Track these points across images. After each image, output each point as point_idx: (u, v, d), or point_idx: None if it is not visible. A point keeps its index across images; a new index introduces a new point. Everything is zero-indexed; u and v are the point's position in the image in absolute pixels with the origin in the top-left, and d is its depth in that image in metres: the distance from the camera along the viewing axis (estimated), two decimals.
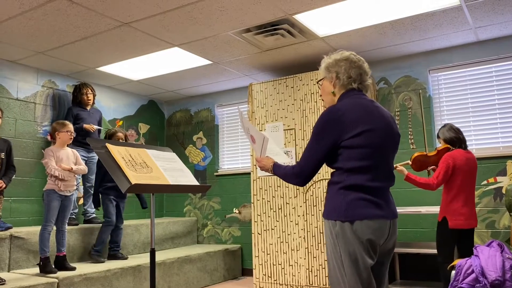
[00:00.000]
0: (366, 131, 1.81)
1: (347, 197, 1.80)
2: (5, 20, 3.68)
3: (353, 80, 1.94)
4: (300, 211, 4.57)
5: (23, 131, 4.76)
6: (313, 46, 4.48)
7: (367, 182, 1.80)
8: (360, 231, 1.76)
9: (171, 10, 3.59)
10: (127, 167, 2.11)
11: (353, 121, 1.81)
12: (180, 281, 4.74)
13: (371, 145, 1.81)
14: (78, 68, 5.03)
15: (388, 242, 1.86)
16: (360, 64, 1.98)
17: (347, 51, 2.02)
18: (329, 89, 2.00)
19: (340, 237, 1.79)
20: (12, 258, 3.96)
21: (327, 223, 1.85)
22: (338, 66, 1.96)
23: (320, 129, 1.86)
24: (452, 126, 3.61)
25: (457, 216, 3.39)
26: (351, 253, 1.77)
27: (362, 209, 1.78)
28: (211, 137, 6.32)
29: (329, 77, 1.99)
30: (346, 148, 1.82)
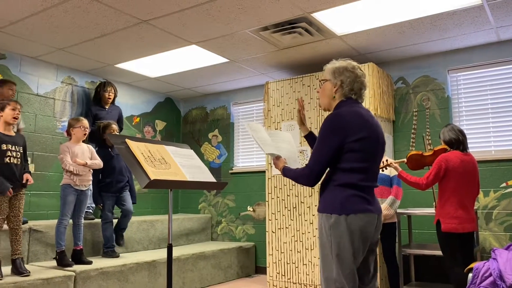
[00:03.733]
0: (363, 138, 2.04)
1: (343, 194, 2.02)
2: (28, 16, 3.74)
3: (354, 92, 2.17)
4: (315, 210, 4.56)
5: (43, 126, 4.84)
6: (330, 45, 4.46)
7: (360, 182, 2.04)
8: (354, 224, 1.99)
9: (190, 8, 3.61)
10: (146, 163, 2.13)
11: (355, 128, 2.03)
12: (194, 277, 4.77)
13: (366, 150, 2.05)
14: (97, 65, 5.09)
15: (376, 232, 2.12)
16: (363, 79, 2.19)
17: (354, 62, 2.22)
18: (330, 93, 2.19)
19: (334, 229, 2.01)
20: (31, 250, 4.03)
21: (322, 216, 2.06)
22: (344, 75, 2.15)
23: (328, 133, 2.05)
24: (454, 127, 3.47)
25: (449, 219, 3.28)
26: (341, 245, 1.99)
27: (356, 204, 2.01)
28: (227, 135, 6.34)
29: (333, 82, 2.18)
30: (347, 151, 2.04)
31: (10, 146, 3.45)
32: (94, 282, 3.76)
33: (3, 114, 3.47)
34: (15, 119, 3.52)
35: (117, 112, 5.22)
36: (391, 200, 3.78)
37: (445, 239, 3.32)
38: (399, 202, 3.82)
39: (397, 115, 4.94)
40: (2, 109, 3.47)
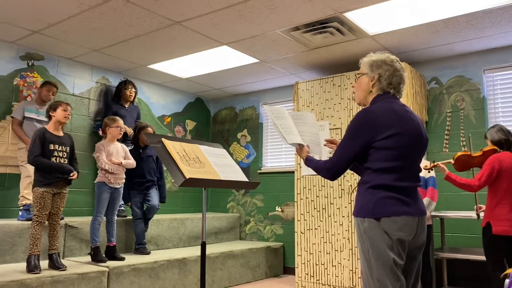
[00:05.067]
0: (396, 134, 1.91)
1: (375, 196, 1.91)
2: (65, 19, 3.87)
3: (392, 87, 2.04)
4: (345, 212, 4.52)
5: (78, 125, 4.99)
6: (362, 45, 4.42)
7: (394, 182, 1.90)
8: (388, 228, 1.87)
9: (222, 9, 3.64)
10: (182, 162, 2.17)
11: (385, 124, 1.92)
12: (223, 275, 4.81)
13: (399, 148, 1.91)
14: (130, 66, 5.21)
15: (418, 237, 1.95)
16: (402, 73, 2.07)
17: (392, 55, 2.10)
18: (367, 87, 2.08)
19: (368, 234, 1.90)
20: (67, 246, 4.16)
21: (357, 220, 1.97)
22: (382, 69, 2.04)
23: (354, 129, 1.96)
24: (502, 127, 3.40)
25: (502, 221, 3.19)
26: (378, 248, 1.87)
27: (389, 207, 1.88)
28: (255, 135, 6.36)
29: (370, 75, 2.07)
30: (376, 149, 1.92)
31: (57, 146, 3.58)
32: (127, 278, 3.85)
33: (55, 114, 3.60)
34: (66, 119, 3.66)
35: (136, 112, 5.23)
36: (427, 202, 3.71)
37: (493, 242, 3.24)
38: (435, 204, 3.75)
39: (430, 116, 4.84)
40: (54, 109, 3.61)
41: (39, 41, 4.41)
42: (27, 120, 4.20)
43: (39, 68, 4.70)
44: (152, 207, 4.57)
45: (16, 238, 3.79)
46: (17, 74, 4.52)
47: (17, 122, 4.18)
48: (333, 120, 4.72)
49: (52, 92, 4.35)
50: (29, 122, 4.19)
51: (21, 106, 4.23)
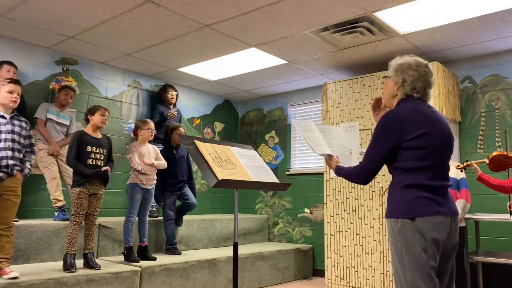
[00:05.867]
0: (424, 134, 1.92)
1: (408, 196, 1.91)
2: (99, 24, 3.97)
3: (416, 91, 2.05)
4: (376, 214, 4.46)
5: (111, 127, 5.10)
6: (393, 44, 4.35)
7: (426, 181, 1.91)
8: (422, 228, 1.86)
9: (251, 11, 3.66)
10: (214, 163, 2.20)
11: (412, 124, 1.94)
12: (253, 277, 4.82)
13: (429, 147, 1.93)
14: (160, 69, 5.30)
15: (452, 238, 1.96)
16: (427, 78, 2.07)
17: (420, 58, 2.10)
18: (392, 90, 2.11)
19: (401, 234, 1.90)
20: (100, 245, 4.26)
21: (390, 221, 1.97)
22: (407, 74, 2.05)
23: (381, 132, 1.99)
24: None
25: None
26: (412, 249, 1.87)
27: (422, 206, 1.88)
28: (283, 136, 6.35)
29: (395, 79, 2.09)
30: (406, 150, 1.94)
31: (94, 148, 3.68)
32: (158, 277, 3.91)
33: (93, 118, 3.72)
34: (103, 123, 3.77)
35: (179, 114, 5.45)
36: (462, 204, 3.62)
37: None
38: (469, 205, 3.65)
39: (463, 116, 4.72)
40: (93, 113, 3.73)
41: (73, 46, 4.55)
42: (48, 122, 4.30)
43: (74, 72, 4.84)
44: (192, 204, 4.69)
45: (53, 238, 3.91)
46: (53, 79, 4.67)
47: (42, 122, 4.25)
48: (363, 121, 4.67)
49: (70, 95, 4.45)
50: (49, 124, 4.30)
51: (44, 107, 4.30)
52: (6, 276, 3.04)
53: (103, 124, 3.79)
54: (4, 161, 3.08)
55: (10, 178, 3.15)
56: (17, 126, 3.22)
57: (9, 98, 3.15)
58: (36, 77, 4.55)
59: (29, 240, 3.77)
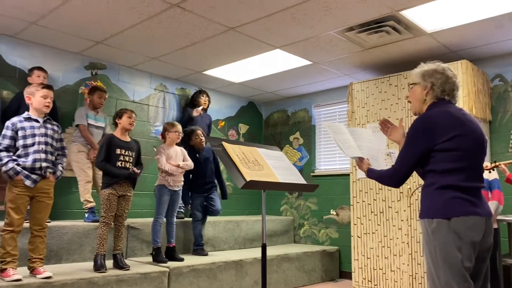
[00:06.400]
0: (458, 136, 1.95)
1: (444, 196, 1.92)
2: (126, 29, 4.05)
3: (446, 93, 2.10)
4: (404, 216, 4.39)
5: (138, 130, 5.19)
6: (420, 43, 4.28)
7: (461, 182, 1.92)
8: (457, 228, 1.87)
9: (276, 12, 3.67)
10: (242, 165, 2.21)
11: (445, 127, 1.96)
12: (279, 278, 4.82)
13: (463, 149, 1.95)
14: (186, 72, 5.37)
15: (486, 238, 1.95)
16: (454, 80, 2.12)
17: (442, 64, 2.16)
18: (421, 96, 2.14)
19: (436, 234, 1.91)
20: (129, 246, 4.34)
21: (424, 222, 1.97)
22: (435, 77, 2.10)
23: (414, 135, 2.02)
24: None
25: None
26: (446, 249, 1.87)
27: (458, 207, 1.89)
28: (308, 137, 6.33)
29: (423, 85, 2.13)
30: (439, 152, 1.96)
31: (123, 151, 3.76)
32: (186, 278, 3.95)
33: (120, 121, 3.80)
34: (130, 125, 3.84)
35: (209, 119, 5.53)
36: (495, 206, 3.53)
37: None
38: (501, 207, 3.56)
39: (494, 115, 4.60)
40: (120, 117, 3.81)
41: (101, 51, 4.65)
42: (87, 127, 4.41)
43: (102, 77, 4.96)
44: (216, 211, 4.72)
45: (84, 239, 4.01)
46: (82, 83, 4.80)
47: (85, 128, 4.35)
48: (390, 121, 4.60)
49: (104, 97, 4.55)
50: (90, 129, 4.41)
51: (83, 112, 4.40)
52: (40, 276, 3.13)
53: (131, 127, 3.86)
54: (38, 163, 3.18)
55: (44, 180, 3.24)
56: (49, 129, 3.32)
57: (42, 103, 3.25)
58: (66, 82, 4.68)
59: (60, 241, 3.88)
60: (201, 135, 4.76)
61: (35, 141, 3.20)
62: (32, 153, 3.17)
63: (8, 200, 3.14)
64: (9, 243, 3.09)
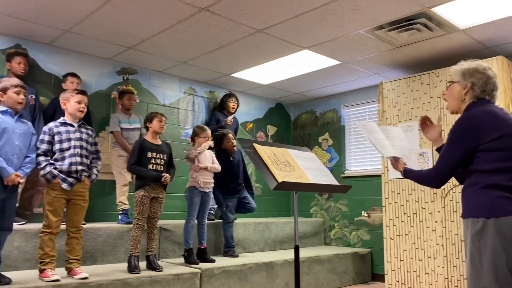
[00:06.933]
0: (504, 136, 1.93)
1: (490, 196, 1.89)
2: (156, 34, 4.12)
3: (486, 93, 2.08)
4: (438, 217, 4.28)
5: (169, 133, 5.27)
6: (452, 40, 4.18)
7: (508, 182, 1.89)
8: (504, 228, 1.83)
9: (304, 13, 3.65)
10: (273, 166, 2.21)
11: (489, 127, 1.94)
12: (310, 280, 4.78)
13: (508, 148, 1.93)
14: (214, 75, 5.41)
15: None
16: (495, 80, 2.10)
17: (483, 63, 2.13)
18: (459, 95, 2.11)
19: (481, 234, 1.87)
20: (161, 248, 4.40)
21: (468, 221, 1.95)
22: (476, 77, 2.07)
23: (458, 135, 2.00)
24: None
25: None
26: (492, 249, 1.83)
27: (505, 206, 1.86)
28: (337, 138, 6.27)
29: (463, 84, 2.10)
30: (484, 152, 1.93)
31: (154, 154, 3.83)
32: (218, 280, 3.97)
33: (151, 125, 3.87)
34: (161, 129, 3.91)
35: (236, 123, 5.56)
36: None
37: None
38: None
39: None
40: (151, 120, 3.88)
41: (133, 56, 4.75)
42: (123, 131, 4.52)
43: (133, 82, 5.06)
44: (253, 208, 4.87)
45: (118, 240, 4.09)
46: (114, 88, 4.91)
47: (119, 134, 4.49)
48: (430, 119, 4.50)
49: (133, 99, 4.66)
50: (125, 133, 4.52)
51: (116, 118, 4.54)
52: (77, 276, 3.21)
53: (161, 130, 3.92)
54: (74, 167, 3.26)
55: (79, 183, 3.32)
56: (84, 133, 3.41)
57: (77, 108, 3.34)
58: (99, 87, 4.80)
59: (95, 243, 3.97)
60: (232, 139, 4.81)
61: (70, 145, 3.29)
62: (68, 157, 3.26)
63: (46, 203, 3.24)
64: (47, 244, 3.18)
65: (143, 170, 3.75)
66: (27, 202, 4.19)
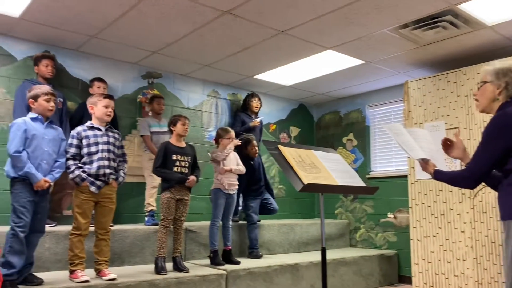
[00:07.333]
0: None
1: None
2: (180, 38, 4.17)
3: None
4: (467, 218, 4.19)
5: (193, 136, 5.32)
6: (479, 37, 4.08)
7: None
8: None
9: (327, 13, 3.63)
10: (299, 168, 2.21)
11: None
12: (335, 282, 4.74)
13: None
14: (237, 78, 5.44)
15: None
16: None
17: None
18: (493, 95, 2.09)
19: None
20: (187, 249, 4.45)
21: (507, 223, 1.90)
22: (509, 76, 2.05)
23: (493, 134, 1.97)
24: None
25: None
26: None
27: None
28: (362, 138, 6.20)
29: (496, 83, 2.08)
30: None
31: (179, 157, 3.87)
32: (243, 281, 3.98)
33: (175, 128, 3.92)
34: (185, 132, 3.96)
35: (261, 124, 5.52)
36: None
37: None
38: None
39: None
40: (175, 124, 3.93)
41: (157, 61, 4.82)
42: (154, 135, 4.60)
43: (158, 85, 5.14)
44: (274, 210, 4.92)
45: (144, 242, 4.15)
46: (140, 92, 4.99)
47: (148, 138, 4.60)
48: (449, 119, 4.42)
49: (162, 103, 4.77)
50: (156, 137, 4.60)
51: (146, 123, 4.65)
52: (105, 277, 3.28)
53: (185, 133, 3.97)
54: (102, 170, 3.33)
55: (107, 186, 3.39)
56: (111, 137, 3.47)
57: (104, 112, 3.41)
58: (125, 91, 4.89)
59: (123, 244, 4.04)
60: (256, 146, 4.86)
61: (98, 149, 3.36)
62: (96, 160, 3.33)
63: (75, 206, 3.32)
64: (77, 246, 3.26)
65: (168, 173, 3.80)
66: (57, 204, 4.30)
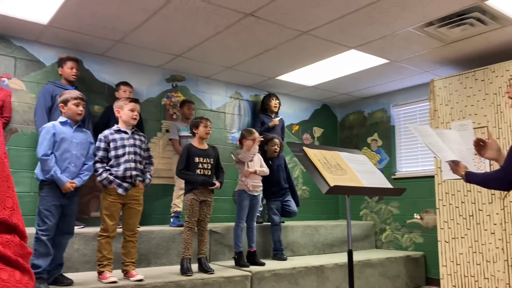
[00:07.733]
0: None
1: None
2: (203, 41, 4.20)
3: None
4: (497, 219, 4.08)
5: (216, 138, 5.35)
6: (508, 33, 3.97)
7: None
8: None
9: (350, 13, 3.60)
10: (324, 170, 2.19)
11: None
12: (361, 284, 4.69)
13: None
14: (259, 79, 5.45)
15: None
16: None
17: None
18: None
19: None
20: (212, 250, 4.47)
21: None
22: None
23: None
24: None
25: None
26: None
27: None
28: (387, 138, 6.11)
29: None
30: None
31: (201, 159, 3.91)
32: (268, 283, 3.98)
33: (197, 131, 3.96)
34: (207, 134, 3.98)
35: (282, 123, 5.51)
36: None
37: None
38: None
39: None
40: (197, 126, 3.97)
41: (181, 64, 4.87)
42: (182, 139, 4.66)
43: (182, 88, 5.19)
44: (292, 212, 4.80)
45: (170, 243, 4.20)
46: (164, 95, 5.06)
47: (177, 142, 4.69)
48: (477, 118, 4.32)
49: (192, 108, 4.86)
50: (184, 140, 4.64)
51: (175, 127, 4.74)
52: (133, 278, 3.33)
53: (207, 135, 3.99)
54: (129, 172, 3.39)
55: (134, 188, 3.44)
56: (137, 140, 3.53)
57: (130, 115, 3.47)
58: (150, 94, 4.96)
59: (149, 245, 4.09)
60: (277, 145, 4.83)
61: (125, 152, 3.42)
62: (123, 163, 3.39)
63: (103, 208, 3.38)
64: (105, 247, 3.32)
65: (191, 175, 3.83)
66: (85, 206, 4.39)
